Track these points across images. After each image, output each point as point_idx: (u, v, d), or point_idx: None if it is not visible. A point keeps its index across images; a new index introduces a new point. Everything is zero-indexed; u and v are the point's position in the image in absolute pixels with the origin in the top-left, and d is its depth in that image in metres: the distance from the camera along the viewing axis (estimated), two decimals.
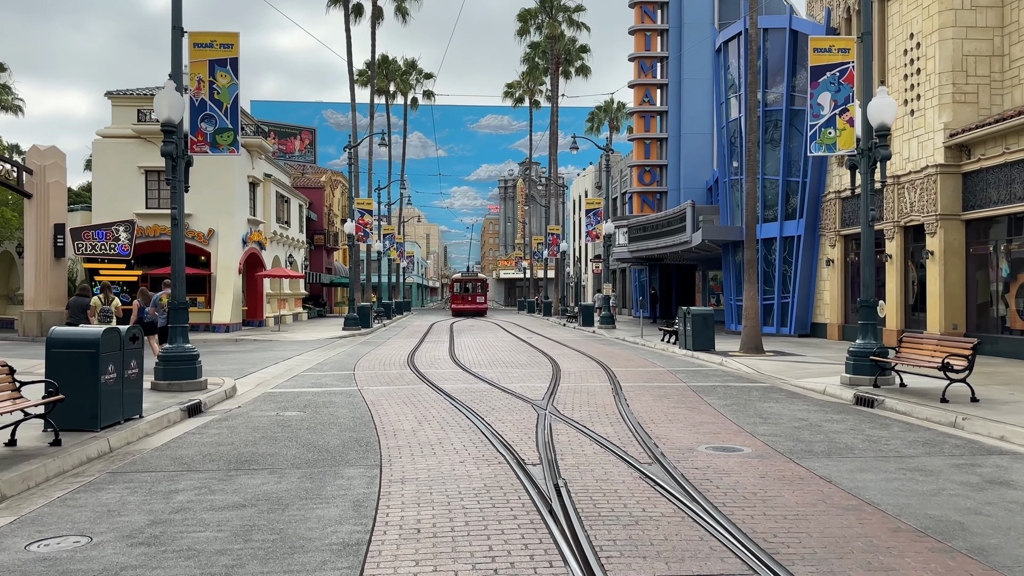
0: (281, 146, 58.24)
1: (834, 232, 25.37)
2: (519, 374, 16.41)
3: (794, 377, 15.42)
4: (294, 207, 43.78)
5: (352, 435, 9.49)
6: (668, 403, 12.08)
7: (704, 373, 16.63)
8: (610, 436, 9.27)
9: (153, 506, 6.43)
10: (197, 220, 32.73)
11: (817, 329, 26.59)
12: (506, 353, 22.11)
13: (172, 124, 12.96)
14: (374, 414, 11.10)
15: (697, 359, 19.80)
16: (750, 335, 20.08)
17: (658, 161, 42.08)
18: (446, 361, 19.63)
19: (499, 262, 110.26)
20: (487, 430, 9.66)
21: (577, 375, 16.13)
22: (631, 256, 40.20)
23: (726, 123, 30.05)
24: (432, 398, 12.74)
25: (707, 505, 6.26)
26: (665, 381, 15.15)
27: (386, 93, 64.47)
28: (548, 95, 68.95)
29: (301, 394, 13.44)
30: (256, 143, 35.05)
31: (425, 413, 11.17)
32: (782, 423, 10.29)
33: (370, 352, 22.71)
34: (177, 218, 13.36)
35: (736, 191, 29.58)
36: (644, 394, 13.13)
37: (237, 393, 13.81)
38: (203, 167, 32.85)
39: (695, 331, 20.95)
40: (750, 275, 20.51)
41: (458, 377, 15.91)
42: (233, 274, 32.68)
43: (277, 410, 11.63)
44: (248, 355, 21.68)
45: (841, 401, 12.59)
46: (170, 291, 14.18)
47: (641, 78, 41.92)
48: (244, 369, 17.68)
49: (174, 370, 13.10)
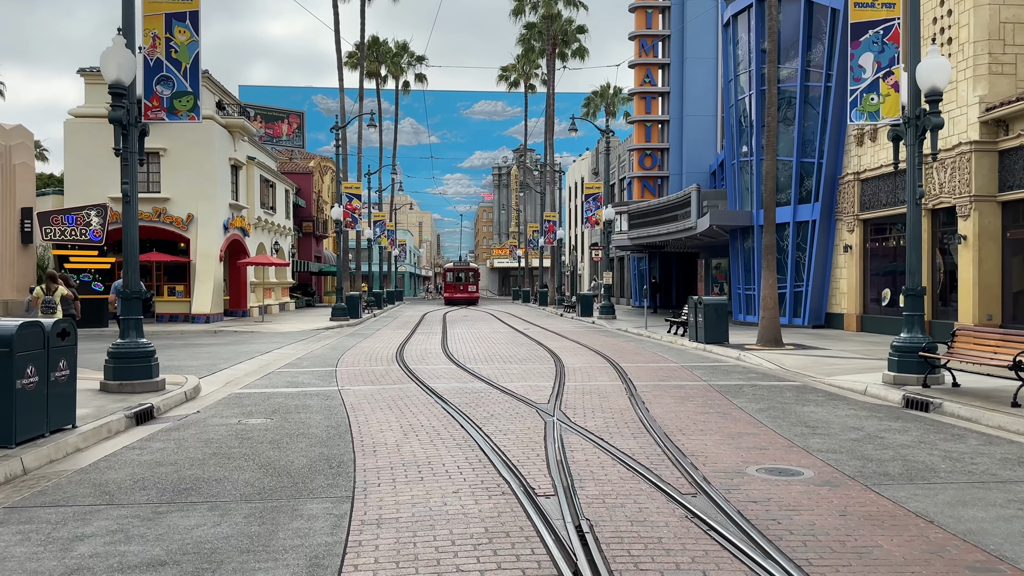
0: (268, 130, 56.32)
1: (852, 216, 23.78)
2: (519, 371, 14.79)
3: (824, 374, 13.85)
4: (280, 192, 41.97)
5: (323, 451, 7.86)
6: (693, 407, 10.48)
7: (723, 370, 15.03)
8: (635, 453, 7.66)
9: (42, 564, 4.79)
10: (175, 205, 30.96)
11: (832, 320, 25.04)
12: (503, 346, 20.49)
13: (122, 86, 11.26)
14: (353, 422, 9.46)
15: (711, 353, 18.22)
16: (768, 327, 18.50)
17: (659, 144, 40.41)
18: (438, 355, 18.00)
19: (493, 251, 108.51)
20: (486, 444, 8.04)
21: (583, 372, 14.52)
22: (631, 243, 38.59)
23: (735, 101, 28.38)
24: (421, 401, 11.11)
25: (787, 564, 4.65)
26: (683, 379, 13.55)
27: (377, 76, 62.52)
28: (544, 79, 67.09)
29: (272, 396, 11.79)
30: (238, 124, 33.21)
31: (413, 420, 9.54)
32: (835, 433, 8.70)
33: (356, 345, 21.07)
34: (128, 195, 11.66)
35: (746, 174, 27.95)
36: (663, 395, 11.53)
37: (200, 394, 12.16)
38: (181, 149, 31.11)
39: (707, 323, 19.35)
40: (768, 261, 18.90)
41: (451, 375, 14.28)
42: (213, 262, 30.93)
43: (240, 417, 9.98)
44: (224, 348, 20.01)
45: (890, 404, 11.00)
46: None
47: (642, 57, 40.19)
48: (215, 365, 16.03)
49: (126, 369, 11.43)
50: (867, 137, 23.09)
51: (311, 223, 54.62)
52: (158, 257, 31.00)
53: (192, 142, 31.02)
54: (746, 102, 27.45)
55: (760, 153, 26.81)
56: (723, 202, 31.07)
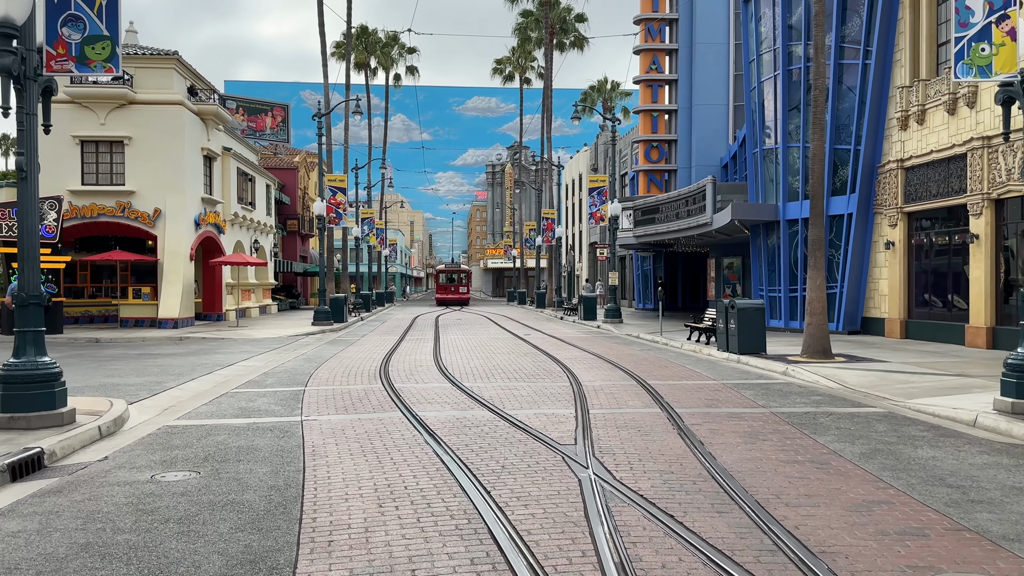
0: (251, 123, 53.40)
1: (895, 209, 21.18)
2: (528, 391, 12.10)
3: (903, 396, 11.24)
4: (260, 186, 39.15)
5: (252, 542, 5.16)
6: (772, 451, 7.82)
7: (777, 390, 12.38)
8: (734, 548, 4.99)
9: None
10: (141, 198, 28.16)
11: (870, 325, 22.44)
12: (504, 356, 17.80)
13: (12, 24, 8.51)
14: (309, 480, 6.77)
15: (750, 366, 15.57)
16: (816, 335, 15.86)
17: (666, 136, 37.75)
18: (430, 369, 15.29)
19: (487, 251, 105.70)
20: (501, 529, 5.36)
21: (607, 393, 11.85)
22: (636, 242, 35.89)
23: (757, 84, 25.76)
24: (407, 440, 8.42)
25: None
26: (734, 404, 10.90)
27: (366, 68, 59.62)
28: (540, 72, 64.39)
29: (214, 431, 9.08)
30: (212, 110, 30.40)
31: (393, 477, 6.85)
32: (999, 501, 6.05)
33: (336, 355, 18.35)
34: (25, 169, 8.92)
35: (770, 163, 25.33)
36: (722, 430, 8.87)
37: (123, 427, 9.44)
38: (147, 137, 28.31)
39: (742, 330, 16.72)
40: (816, 259, 16.28)
41: (446, 397, 11.58)
42: (183, 261, 28.13)
43: (157, 469, 7.27)
44: (182, 360, 17.27)
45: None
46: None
47: (648, 42, 37.52)
48: (161, 383, 13.30)
49: (17, 397, 8.68)
50: (913, 120, 20.51)
51: (296, 221, 51.82)
52: (122, 256, 28.20)
53: (160, 130, 28.24)
54: (771, 83, 24.82)
55: (787, 141, 24.22)
56: (740, 196, 28.45)
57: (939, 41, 20.25)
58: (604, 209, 33.85)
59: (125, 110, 28.21)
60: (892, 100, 21.58)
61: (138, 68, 28.47)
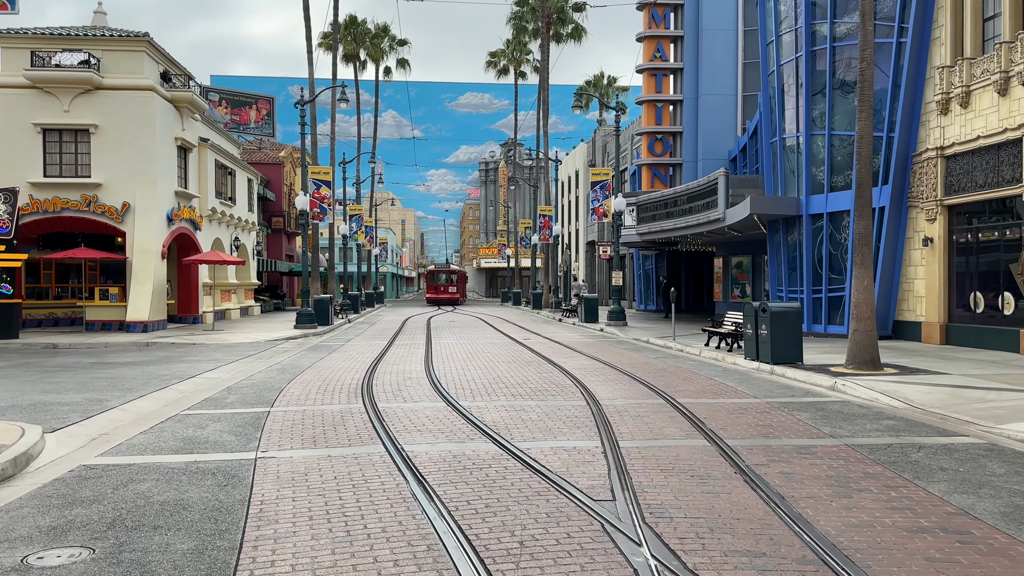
0: (234, 116, 51.12)
1: (934, 202, 19.23)
2: (538, 413, 10.06)
3: (990, 419, 9.28)
4: (241, 181, 36.94)
5: None
6: (878, 509, 5.80)
7: (837, 411, 10.37)
8: None
9: None
10: (108, 191, 25.99)
11: (902, 329, 20.49)
12: (505, 366, 15.75)
13: None
14: (242, 568, 4.71)
15: (790, 379, 13.57)
16: (863, 343, 13.86)
17: (671, 128, 35.78)
18: (420, 382, 13.24)
19: (480, 250, 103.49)
20: None
21: (633, 416, 9.83)
22: (640, 240, 33.90)
23: (776, 67, 23.77)
24: (389, 495, 6.36)
25: None
26: (794, 432, 8.88)
27: (355, 60, 57.45)
28: (535, 66, 62.29)
29: (141, 474, 7.02)
30: (186, 97, 28.23)
31: (365, 565, 4.80)
32: None
33: (315, 364, 16.28)
34: None
35: (791, 154, 23.34)
36: (798, 474, 6.85)
37: (27, 468, 7.39)
38: (115, 125, 26.09)
39: (775, 336, 14.71)
40: (863, 255, 14.28)
41: (440, 421, 9.54)
42: (153, 259, 25.96)
43: (37, 544, 5.21)
44: (139, 371, 15.17)
45: None
46: None
47: (652, 29, 35.54)
48: (105, 401, 11.24)
49: None
50: (955, 103, 18.57)
51: (281, 219, 49.62)
52: (88, 254, 25.99)
53: (128, 117, 26.08)
54: (792, 66, 22.84)
55: (811, 128, 22.26)
56: (752, 190, 26.43)
57: (985, 15, 18.31)
58: (607, 204, 31.87)
59: (91, 96, 26.02)
60: (930, 82, 19.63)
61: (106, 51, 26.31)
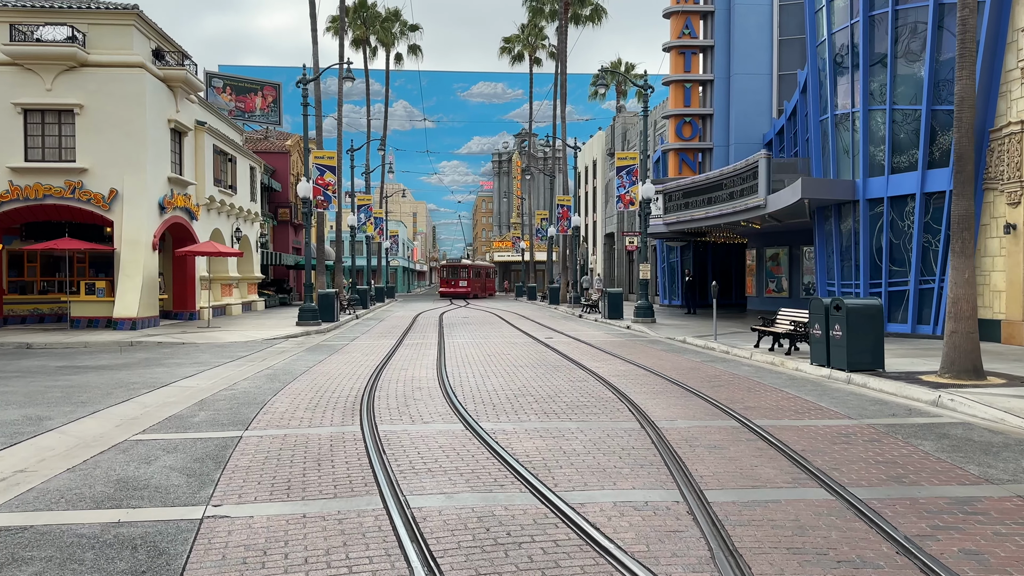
0: (239, 103, 49.05)
1: (1017, 184, 16.85)
2: (583, 441, 7.84)
3: None
4: (243, 168, 34.84)
5: None
6: None
7: (963, 438, 8.09)
8: None
9: None
10: (94, 177, 23.94)
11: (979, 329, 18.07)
12: (530, 371, 13.53)
13: None
14: None
15: (878, 391, 11.29)
16: (963, 346, 11.58)
17: (701, 110, 33.36)
18: (432, 395, 11.04)
19: (493, 243, 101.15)
20: None
21: (707, 446, 7.60)
22: (667, 230, 31.51)
23: (827, 36, 21.38)
24: None
25: None
26: (933, 476, 6.62)
27: (364, 45, 55.20)
28: (551, 51, 59.94)
29: (31, 546, 4.86)
30: (179, 76, 26.10)
31: None
32: None
33: (311, 369, 14.12)
34: None
35: (844, 131, 20.96)
36: (987, 554, 4.62)
37: None
38: (102, 105, 23.96)
39: (852, 339, 12.42)
40: (964, 242, 11.93)
41: (457, 455, 7.33)
42: (143, 250, 23.89)
43: None
44: (107, 377, 13.07)
45: None
46: None
47: (680, 3, 33.11)
48: (46, 419, 9.13)
49: None
50: None
51: (288, 210, 47.56)
52: (72, 244, 23.93)
53: (116, 96, 24.00)
54: (846, 34, 20.46)
55: (868, 103, 19.89)
56: (791, 174, 24.08)
57: None
58: (634, 191, 29.55)
59: (76, 73, 23.95)
60: (1012, 47, 17.23)
61: (92, 24, 24.21)
